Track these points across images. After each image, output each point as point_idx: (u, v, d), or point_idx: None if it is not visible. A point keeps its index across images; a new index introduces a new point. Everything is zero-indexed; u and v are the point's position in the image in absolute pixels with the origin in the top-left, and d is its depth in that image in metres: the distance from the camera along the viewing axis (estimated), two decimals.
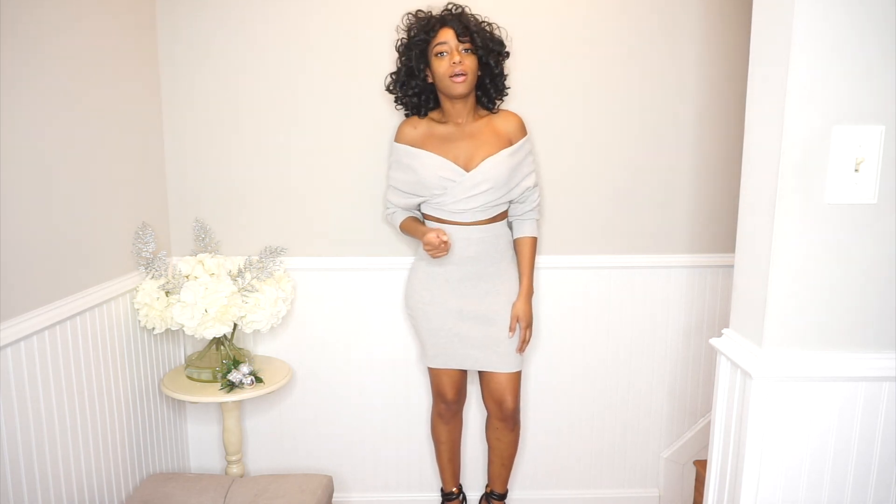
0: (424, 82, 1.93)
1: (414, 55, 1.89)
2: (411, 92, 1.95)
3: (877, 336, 1.16)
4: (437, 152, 1.91)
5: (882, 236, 1.13)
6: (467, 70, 1.84)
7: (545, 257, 2.22)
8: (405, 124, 1.98)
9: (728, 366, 1.28)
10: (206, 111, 2.12)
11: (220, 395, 1.90)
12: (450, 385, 2.07)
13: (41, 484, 1.51)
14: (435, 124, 1.96)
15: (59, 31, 1.58)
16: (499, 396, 2.02)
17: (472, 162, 1.90)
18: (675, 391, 2.34)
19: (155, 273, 1.91)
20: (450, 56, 1.84)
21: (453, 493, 2.24)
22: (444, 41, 1.84)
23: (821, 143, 1.10)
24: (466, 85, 1.85)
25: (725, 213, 2.22)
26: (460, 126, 1.94)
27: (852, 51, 1.07)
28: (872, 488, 1.20)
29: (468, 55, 1.85)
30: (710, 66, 2.14)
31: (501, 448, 2.11)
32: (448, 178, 1.89)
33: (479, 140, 1.92)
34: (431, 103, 1.98)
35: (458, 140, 1.92)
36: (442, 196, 1.90)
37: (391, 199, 2.03)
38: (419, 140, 1.94)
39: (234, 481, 1.90)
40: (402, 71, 1.94)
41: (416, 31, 1.89)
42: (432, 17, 1.89)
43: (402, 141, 1.97)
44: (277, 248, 2.04)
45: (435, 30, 1.86)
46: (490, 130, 1.93)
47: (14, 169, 1.43)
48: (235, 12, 2.07)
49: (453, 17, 1.88)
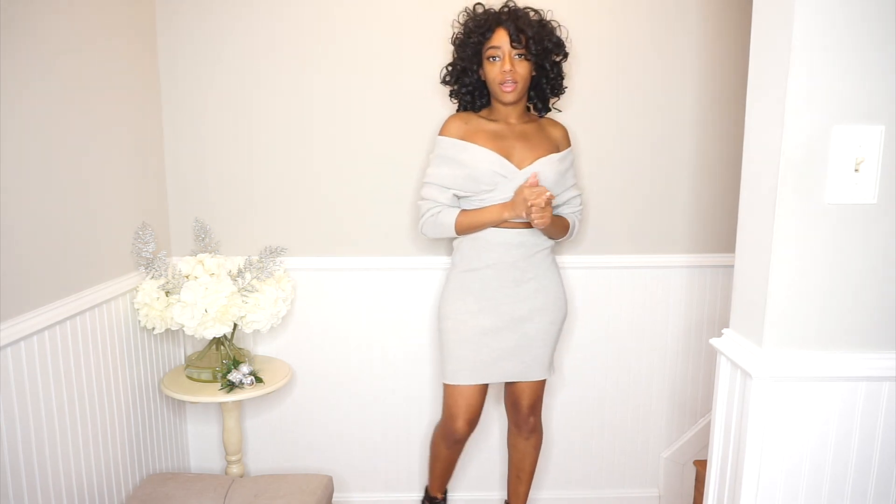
0: (478, 80, 1.89)
1: (468, 55, 1.84)
2: (465, 89, 1.90)
3: (877, 336, 1.16)
4: (489, 147, 1.83)
5: (882, 236, 1.13)
6: (518, 79, 1.78)
7: None
8: (454, 118, 1.90)
9: (728, 366, 1.28)
10: (206, 111, 2.12)
11: (220, 395, 1.90)
12: (465, 408, 1.92)
13: (41, 484, 1.51)
14: (484, 121, 1.90)
15: (58, 30, 1.58)
16: (517, 400, 1.99)
17: (525, 161, 1.83)
18: (675, 391, 2.34)
19: (155, 273, 1.91)
20: (501, 63, 1.77)
21: (437, 498, 2.22)
22: (497, 45, 1.77)
23: (821, 143, 1.10)
24: (516, 94, 1.81)
25: (725, 213, 2.23)
26: (511, 126, 1.88)
27: (852, 51, 1.07)
28: (872, 488, 1.20)
29: (521, 61, 1.78)
30: (710, 65, 2.14)
31: (517, 458, 2.09)
32: (500, 173, 1.81)
33: (531, 141, 1.86)
34: (484, 99, 1.93)
35: (509, 138, 1.86)
36: (491, 192, 1.82)
37: (432, 195, 1.86)
38: (469, 134, 1.85)
39: (234, 481, 1.90)
40: (458, 66, 1.88)
41: (471, 30, 1.82)
42: (489, 15, 1.81)
43: (449, 135, 1.87)
44: (277, 248, 2.04)
45: (490, 30, 1.79)
46: (542, 134, 1.89)
47: (14, 169, 1.42)
48: (235, 11, 2.07)
49: (510, 16, 1.78)
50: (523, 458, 2.07)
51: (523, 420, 2.02)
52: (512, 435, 2.09)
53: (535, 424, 2.03)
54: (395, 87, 2.11)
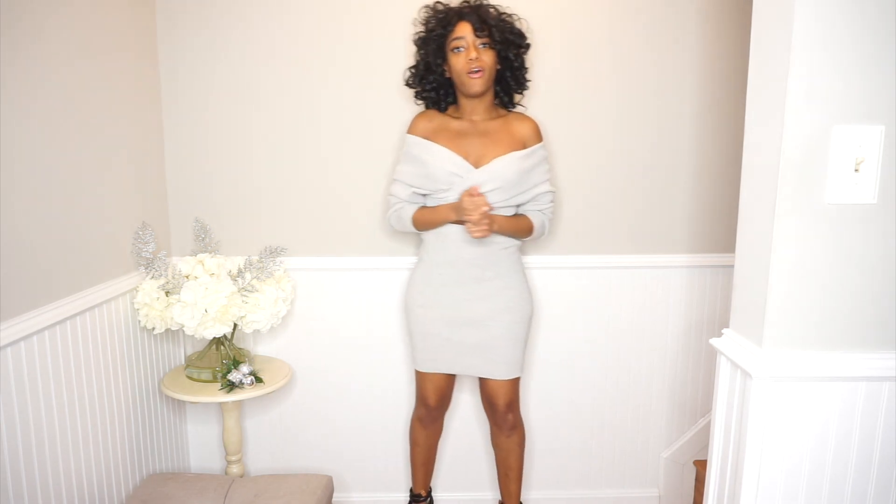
0: (442, 77, 1.90)
1: (431, 50, 1.86)
2: (429, 87, 1.92)
3: (877, 336, 1.16)
4: (449, 146, 1.86)
5: (882, 236, 1.13)
6: (484, 66, 1.81)
7: (545, 257, 2.22)
8: (420, 116, 1.94)
9: (728, 366, 1.28)
10: (206, 111, 2.12)
11: (220, 395, 1.90)
12: (433, 391, 2.04)
13: (41, 484, 1.51)
14: (450, 119, 1.93)
15: (58, 30, 1.58)
16: (492, 400, 2.00)
17: (483, 160, 1.86)
18: (675, 391, 2.34)
19: (155, 273, 1.91)
20: (467, 52, 1.81)
21: (421, 495, 2.23)
22: (461, 36, 1.81)
23: (821, 143, 1.10)
24: (483, 82, 1.83)
25: (725, 213, 2.22)
26: (475, 123, 1.91)
27: (852, 51, 1.07)
28: (872, 488, 1.20)
29: (486, 50, 1.81)
30: (711, 65, 2.14)
31: (502, 456, 2.09)
32: (455, 173, 1.84)
33: (492, 139, 1.88)
34: (451, 97, 1.95)
35: (471, 136, 1.88)
36: (447, 191, 1.86)
37: (396, 192, 1.94)
38: (432, 132, 1.90)
39: (234, 481, 1.90)
40: (421, 65, 1.91)
41: (434, 25, 1.85)
42: (450, 10, 1.86)
43: (415, 132, 1.92)
44: (277, 248, 2.04)
45: (452, 24, 1.82)
46: (505, 131, 1.90)
47: (14, 169, 1.42)
48: (235, 11, 2.07)
49: (471, 10, 1.83)
50: (508, 455, 2.08)
51: (501, 419, 2.03)
52: (494, 435, 2.10)
53: (514, 421, 2.04)
54: (395, 88, 2.11)
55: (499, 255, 1.91)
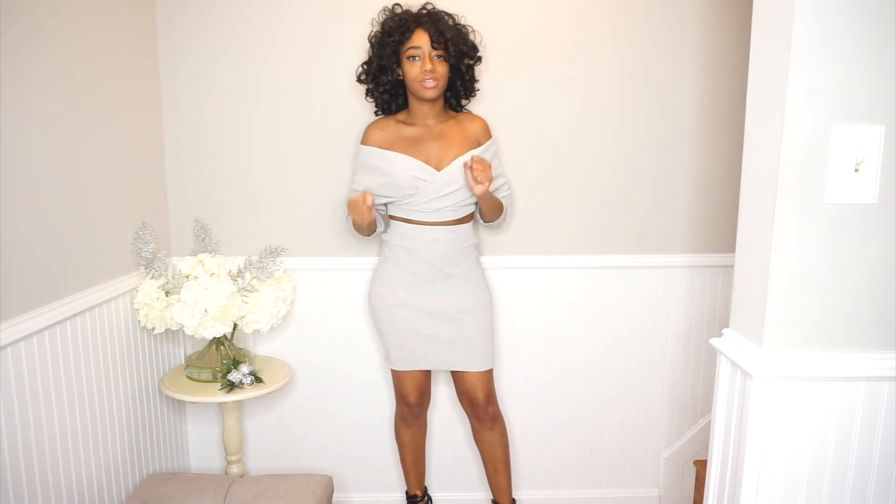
0: (395, 79, 1.94)
1: (387, 53, 1.89)
2: (382, 88, 1.96)
3: (877, 336, 1.16)
4: (408, 153, 1.91)
5: (882, 236, 1.13)
6: (438, 77, 1.85)
7: (546, 257, 2.22)
8: (372, 127, 1.98)
9: (728, 366, 1.28)
10: (206, 111, 2.12)
11: (220, 395, 1.90)
12: (413, 387, 2.06)
13: (41, 484, 1.51)
14: (403, 126, 1.96)
15: (58, 30, 1.58)
16: (472, 395, 2.02)
17: (444, 162, 1.91)
18: (675, 391, 2.34)
19: (155, 273, 1.91)
20: (422, 62, 1.84)
21: (417, 496, 2.23)
22: (417, 45, 1.84)
23: (821, 143, 1.09)
24: (437, 90, 1.87)
25: (725, 213, 2.22)
26: (429, 127, 1.95)
27: (852, 51, 1.07)
28: (872, 487, 1.20)
29: (440, 62, 1.86)
30: (711, 65, 2.14)
31: (487, 451, 2.09)
32: (420, 177, 1.88)
33: (448, 140, 1.93)
34: (401, 100, 1.99)
35: (427, 141, 1.93)
36: (413, 196, 1.90)
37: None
38: (388, 142, 1.94)
39: (234, 481, 1.90)
40: (374, 64, 1.94)
41: (391, 29, 1.87)
42: (408, 16, 1.88)
43: (370, 143, 1.96)
44: (277, 248, 2.04)
45: (410, 31, 1.85)
46: (458, 131, 1.95)
47: (14, 169, 1.43)
48: (235, 11, 2.07)
49: (429, 18, 1.86)
50: (493, 449, 2.08)
51: (482, 412, 2.04)
52: (476, 430, 2.10)
53: (494, 413, 2.05)
54: None
55: (463, 252, 1.97)
